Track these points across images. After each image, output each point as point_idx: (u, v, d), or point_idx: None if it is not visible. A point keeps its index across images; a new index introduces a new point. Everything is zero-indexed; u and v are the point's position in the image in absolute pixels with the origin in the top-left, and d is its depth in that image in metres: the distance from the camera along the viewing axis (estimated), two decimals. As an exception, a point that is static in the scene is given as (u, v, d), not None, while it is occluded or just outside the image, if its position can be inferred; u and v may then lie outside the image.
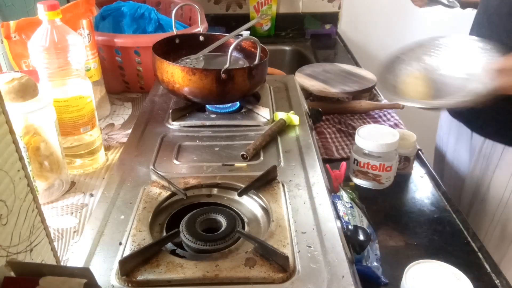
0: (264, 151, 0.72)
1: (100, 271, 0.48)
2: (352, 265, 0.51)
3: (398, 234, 0.75)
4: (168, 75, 0.79)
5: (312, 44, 1.74)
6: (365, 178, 0.84)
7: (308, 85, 1.24)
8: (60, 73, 0.75)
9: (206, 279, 0.47)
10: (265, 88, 0.94)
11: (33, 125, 0.68)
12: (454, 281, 0.51)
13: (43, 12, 0.72)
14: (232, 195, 0.62)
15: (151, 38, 1.03)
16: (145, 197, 0.60)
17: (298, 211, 0.57)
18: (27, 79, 0.65)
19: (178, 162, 0.70)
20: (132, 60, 1.10)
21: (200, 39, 0.97)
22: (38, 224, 0.43)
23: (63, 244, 0.65)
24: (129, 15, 1.17)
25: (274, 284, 0.47)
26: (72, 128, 0.77)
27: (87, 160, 0.82)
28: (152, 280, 0.47)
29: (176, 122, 0.81)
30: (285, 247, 0.51)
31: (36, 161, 0.70)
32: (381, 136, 0.82)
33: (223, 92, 0.79)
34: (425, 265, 0.53)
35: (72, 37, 0.76)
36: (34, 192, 0.42)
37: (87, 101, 0.78)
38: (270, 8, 1.78)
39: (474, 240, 0.73)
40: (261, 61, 0.82)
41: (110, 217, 0.57)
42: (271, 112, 0.84)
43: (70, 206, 0.73)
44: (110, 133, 0.97)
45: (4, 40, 0.88)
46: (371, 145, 0.81)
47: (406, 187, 0.87)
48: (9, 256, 0.38)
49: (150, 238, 0.52)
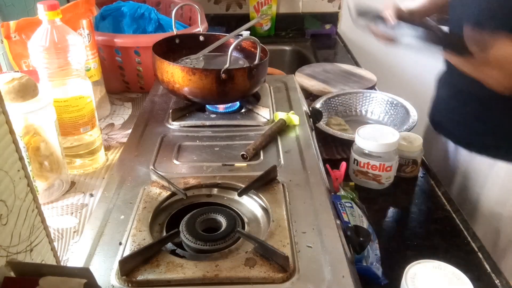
0: (264, 151, 0.72)
1: (100, 271, 0.48)
2: (352, 265, 0.51)
3: (398, 234, 0.75)
4: (168, 75, 0.79)
5: (312, 44, 1.74)
6: (365, 178, 0.84)
7: (308, 85, 1.24)
8: (60, 73, 0.75)
9: (206, 279, 0.47)
10: (265, 88, 0.94)
11: (33, 125, 0.68)
12: (454, 281, 0.51)
13: (43, 12, 0.72)
14: (232, 195, 0.62)
15: (151, 38, 1.03)
16: (145, 197, 0.60)
17: (298, 211, 0.57)
18: (27, 79, 0.65)
19: (178, 162, 0.70)
20: (132, 60, 1.10)
21: (200, 39, 0.97)
22: (38, 224, 0.43)
23: (63, 244, 0.65)
24: (129, 15, 1.17)
25: (274, 284, 0.47)
26: (72, 128, 0.77)
27: (87, 160, 0.82)
28: (152, 280, 0.47)
29: (176, 122, 0.81)
30: (285, 247, 0.51)
31: (36, 161, 0.70)
32: (381, 136, 0.82)
33: (223, 92, 0.79)
34: (425, 265, 0.53)
35: (72, 37, 0.76)
36: (34, 192, 0.42)
37: (87, 101, 0.78)
38: (270, 8, 1.78)
39: (474, 240, 0.73)
40: (261, 61, 0.82)
41: (110, 217, 0.57)
42: (271, 112, 0.84)
43: (70, 206, 0.73)
44: (110, 133, 0.97)
45: (4, 40, 0.88)
46: (371, 145, 0.81)
47: (406, 187, 0.87)
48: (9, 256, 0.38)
49: (150, 238, 0.52)
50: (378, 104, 1.12)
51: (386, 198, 0.83)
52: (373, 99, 1.13)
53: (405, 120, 1.02)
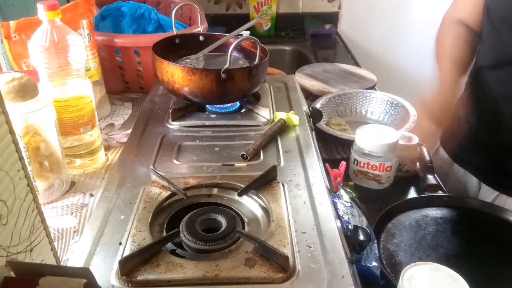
0: (264, 151, 0.72)
1: (100, 271, 0.48)
2: (352, 265, 0.51)
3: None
4: (168, 75, 0.79)
5: (312, 44, 1.74)
6: (365, 178, 0.84)
7: (308, 85, 1.24)
8: (60, 73, 0.75)
9: (206, 279, 0.47)
10: (265, 88, 0.94)
11: (33, 125, 0.68)
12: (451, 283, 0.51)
13: (43, 12, 0.72)
14: (232, 195, 0.62)
15: (151, 38, 1.03)
16: (145, 197, 0.60)
17: (298, 211, 0.57)
18: (27, 79, 0.65)
19: (178, 162, 0.70)
20: (132, 60, 1.10)
21: (200, 39, 0.97)
22: (38, 224, 0.43)
23: (63, 244, 0.65)
24: (129, 15, 1.17)
25: (274, 284, 0.47)
26: (72, 128, 0.77)
27: (87, 160, 0.82)
28: (152, 280, 0.47)
29: (176, 122, 0.81)
30: (285, 247, 0.51)
31: (36, 161, 0.70)
32: (381, 136, 0.82)
33: (223, 92, 0.79)
34: (422, 267, 0.53)
35: (72, 37, 0.76)
36: (34, 192, 0.42)
37: (87, 101, 0.78)
38: (270, 8, 1.78)
39: (474, 240, 0.73)
40: (261, 61, 0.82)
41: (110, 217, 0.57)
42: (271, 112, 0.84)
43: (70, 206, 0.73)
44: (110, 133, 0.97)
45: (4, 40, 0.88)
46: (371, 145, 0.81)
47: (406, 187, 0.87)
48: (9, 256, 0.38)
49: (150, 238, 0.52)
50: (378, 104, 1.12)
51: (386, 198, 0.83)
52: (373, 99, 1.13)
53: (405, 120, 1.02)
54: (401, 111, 1.06)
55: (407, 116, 1.03)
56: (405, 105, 1.07)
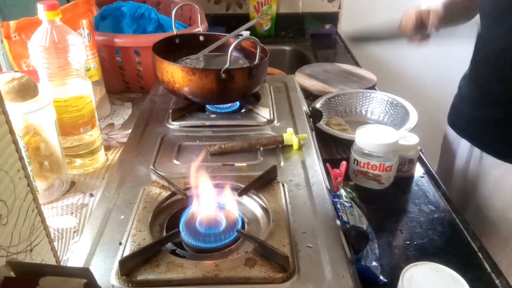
0: (264, 151, 0.72)
1: (100, 271, 0.48)
2: (352, 265, 0.51)
3: (398, 233, 0.75)
4: (168, 75, 0.79)
5: (312, 44, 1.74)
6: (365, 178, 0.84)
7: (308, 85, 1.24)
8: (60, 73, 0.75)
9: (206, 279, 0.47)
10: (265, 88, 0.94)
11: (33, 125, 0.68)
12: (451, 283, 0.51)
13: (43, 12, 0.72)
14: (232, 195, 0.62)
15: (151, 38, 1.03)
16: (145, 197, 0.60)
17: (298, 211, 0.57)
18: (27, 79, 0.65)
19: (178, 162, 0.70)
20: (132, 60, 1.10)
21: (200, 39, 0.97)
22: (38, 224, 0.43)
23: (63, 244, 0.65)
24: (129, 15, 1.17)
25: (274, 284, 0.47)
26: (72, 128, 0.77)
27: (87, 160, 0.82)
28: (152, 280, 0.47)
29: (176, 122, 0.81)
30: (285, 247, 0.51)
31: (36, 161, 0.70)
32: (381, 136, 0.82)
33: (223, 92, 0.79)
34: (422, 267, 0.53)
35: (72, 37, 0.76)
36: (34, 192, 0.42)
37: (87, 101, 0.78)
38: (270, 8, 1.78)
39: (474, 240, 0.73)
40: (261, 61, 0.82)
41: (110, 217, 0.57)
42: (271, 112, 0.84)
43: (70, 206, 0.73)
44: (110, 133, 0.97)
45: (4, 40, 0.88)
46: (371, 145, 0.81)
47: (406, 187, 0.87)
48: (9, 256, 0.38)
49: (150, 238, 0.52)
50: (378, 104, 1.12)
51: (386, 198, 0.83)
52: (373, 99, 1.13)
53: (405, 120, 1.02)
54: (401, 111, 1.06)
55: (407, 116, 1.03)
56: (405, 105, 1.07)
